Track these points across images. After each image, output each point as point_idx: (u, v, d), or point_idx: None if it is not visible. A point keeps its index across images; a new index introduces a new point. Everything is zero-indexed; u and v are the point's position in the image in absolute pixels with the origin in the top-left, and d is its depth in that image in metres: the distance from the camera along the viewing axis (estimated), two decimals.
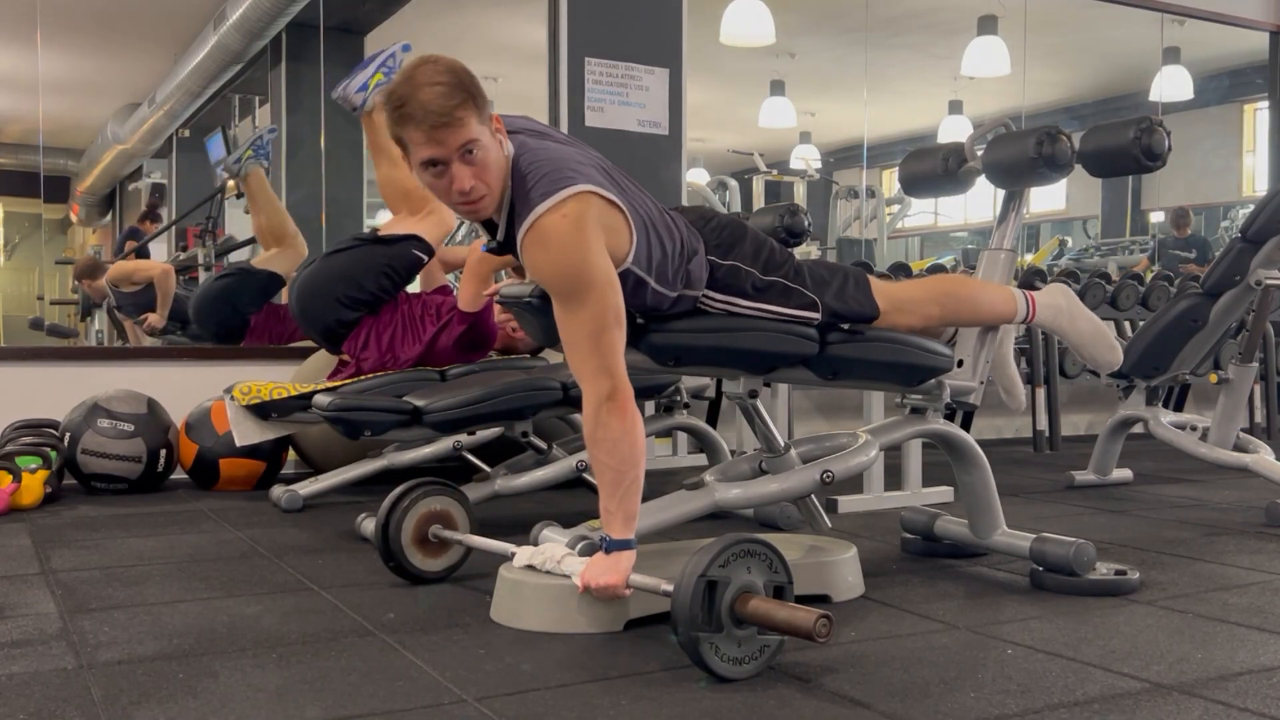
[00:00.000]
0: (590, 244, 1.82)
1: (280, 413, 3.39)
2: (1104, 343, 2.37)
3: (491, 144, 1.84)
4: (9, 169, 5.21)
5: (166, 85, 5.54)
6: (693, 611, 1.62)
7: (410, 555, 2.26)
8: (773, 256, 2.12)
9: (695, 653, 1.63)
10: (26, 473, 3.19)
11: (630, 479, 1.85)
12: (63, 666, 1.70)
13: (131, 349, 4.39)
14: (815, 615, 1.57)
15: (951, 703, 1.53)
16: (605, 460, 1.85)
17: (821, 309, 2.11)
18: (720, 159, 6.78)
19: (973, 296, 2.30)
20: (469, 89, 1.80)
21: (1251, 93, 7.07)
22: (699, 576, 1.63)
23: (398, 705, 1.52)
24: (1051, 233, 7.96)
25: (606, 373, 1.84)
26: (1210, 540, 2.79)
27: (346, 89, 3.26)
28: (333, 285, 3.28)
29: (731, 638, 1.65)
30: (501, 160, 1.86)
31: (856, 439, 2.28)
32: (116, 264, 4.96)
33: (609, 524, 1.87)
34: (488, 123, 1.84)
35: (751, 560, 1.69)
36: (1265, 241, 3.17)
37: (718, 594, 1.64)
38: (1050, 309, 2.34)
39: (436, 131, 1.78)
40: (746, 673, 1.65)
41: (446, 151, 1.80)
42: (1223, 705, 1.52)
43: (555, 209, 1.81)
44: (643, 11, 4.29)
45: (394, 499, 2.25)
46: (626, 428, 1.84)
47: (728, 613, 1.65)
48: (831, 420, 4.85)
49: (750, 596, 1.66)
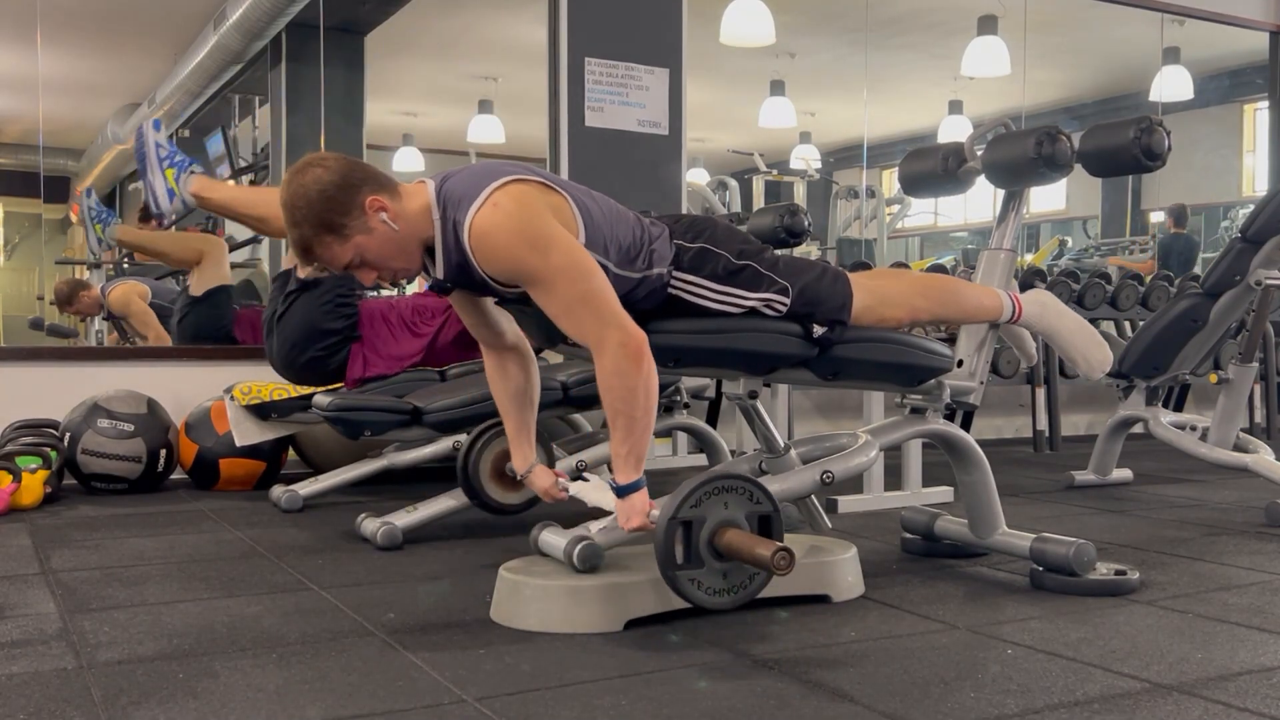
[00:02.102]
0: (534, 214, 1.86)
1: (280, 413, 3.40)
2: (1093, 340, 2.35)
3: (375, 239, 1.88)
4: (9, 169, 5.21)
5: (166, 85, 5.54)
6: (667, 552, 1.78)
7: (489, 489, 2.49)
8: (747, 244, 2.12)
9: (677, 589, 1.79)
10: (26, 473, 3.19)
11: (642, 423, 1.89)
12: (63, 666, 1.70)
13: (131, 349, 4.39)
14: (774, 548, 1.71)
15: (951, 703, 1.53)
16: (621, 408, 1.87)
17: (791, 296, 2.09)
18: (720, 159, 6.77)
19: (958, 291, 2.31)
20: (315, 219, 1.85)
21: (1251, 93, 7.07)
22: (670, 519, 1.78)
23: (397, 705, 1.52)
24: (1051, 233, 7.96)
25: (610, 325, 1.86)
26: (1210, 540, 2.79)
27: (160, 206, 3.05)
28: (304, 347, 3.21)
29: (714, 571, 1.81)
30: (397, 236, 1.89)
31: (856, 439, 2.28)
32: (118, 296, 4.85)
33: (621, 469, 1.91)
34: (360, 226, 1.87)
35: (728, 495, 1.82)
36: (1265, 241, 3.17)
37: (694, 532, 1.80)
38: (1037, 305, 2.34)
39: (314, 261, 1.91)
40: (730, 602, 1.83)
41: (339, 269, 1.92)
42: (1223, 705, 1.52)
43: (486, 204, 1.85)
44: (643, 11, 4.29)
45: (472, 438, 2.53)
46: (644, 374, 1.87)
47: (707, 548, 1.80)
48: (831, 420, 4.85)
49: (726, 530, 1.78)
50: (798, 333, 2.12)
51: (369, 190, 1.87)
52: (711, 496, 1.80)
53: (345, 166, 1.88)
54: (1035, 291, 2.39)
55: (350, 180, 1.87)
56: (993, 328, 2.35)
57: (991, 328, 2.35)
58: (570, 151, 4.16)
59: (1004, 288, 2.40)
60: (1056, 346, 2.37)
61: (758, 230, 3.27)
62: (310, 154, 1.92)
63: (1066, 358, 2.38)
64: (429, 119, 6.40)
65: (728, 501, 1.82)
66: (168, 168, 2.93)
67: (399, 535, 2.66)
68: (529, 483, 2.20)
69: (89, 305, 4.90)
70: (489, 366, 2.18)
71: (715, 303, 2.08)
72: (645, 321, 2.04)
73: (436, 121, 6.45)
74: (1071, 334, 2.34)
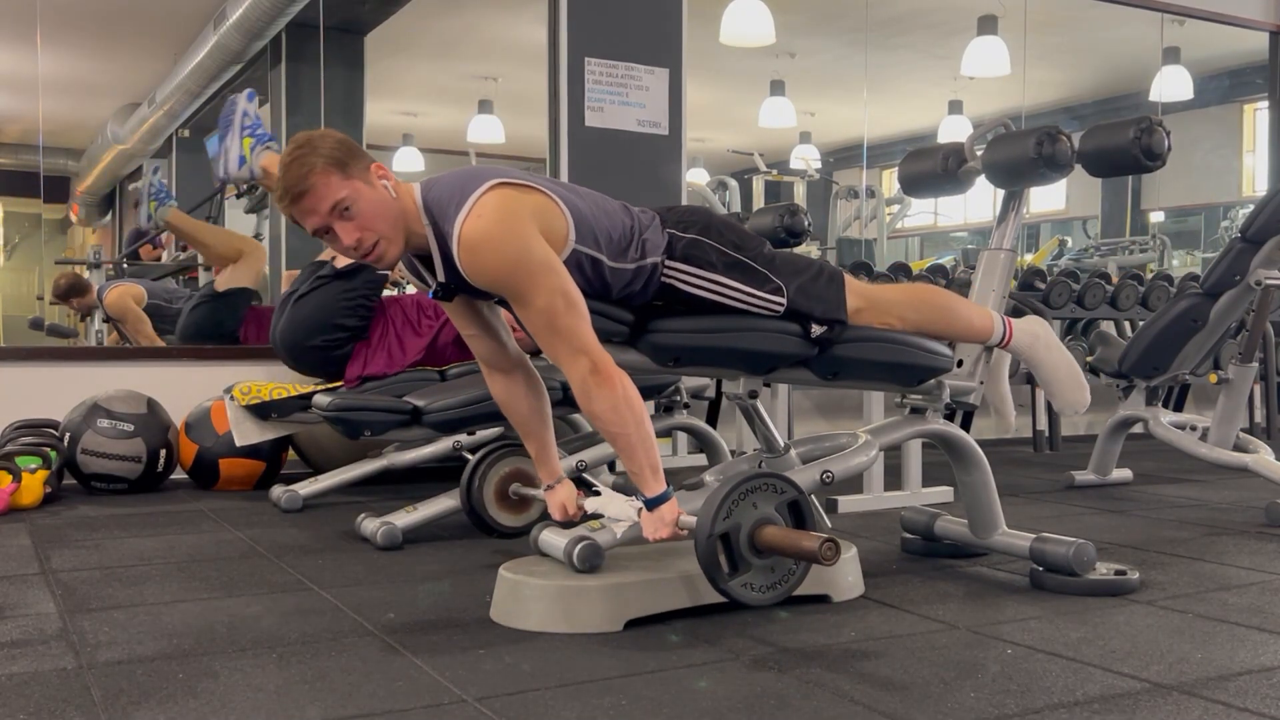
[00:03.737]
0: (518, 233, 1.85)
1: (280, 413, 3.40)
2: (1075, 380, 2.32)
3: (372, 193, 1.87)
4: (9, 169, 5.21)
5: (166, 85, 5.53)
6: (714, 566, 1.83)
7: (493, 512, 2.53)
8: (743, 239, 2.12)
9: (733, 598, 1.86)
10: (26, 473, 3.19)
11: (640, 435, 1.91)
12: (62, 666, 1.70)
13: (131, 349, 4.39)
14: (820, 540, 1.75)
15: (951, 702, 1.53)
16: (611, 429, 1.90)
17: (787, 296, 2.09)
18: (720, 159, 6.77)
19: (951, 307, 2.29)
20: (324, 152, 1.84)
21: (1251, 93, 7.06)
22: (708, 536, 1.81)
23: (397, 705, 1.52)
24: (1051, 233, 7.95)
25: (580, 352, 1.87)
26: (1210, 540, 2.79)
27: (228, 170, 3.09)
28: (311, 333, 3.26)
29: (759, 569, 1.87)
30: (393, 204, 1.89)
31: (856, 439, 2.28)
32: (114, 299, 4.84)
33: (645, 483, 1.93)
34: (362, 174, 1.87)
35: (755, 496, 1.86)
36: (1265, 241, 3.17)
37: (734, 540, 1.84)
38: (1028, 335, 2.32)
39: (300, 202, 1.84)
40: (778, 596, 1.89)
41: (320, 218, 1.86)
42: (1222, 705, 1.52)
43: (471, 213, 1.84)
44: (642, 11, 4.29)
45: (476, 460, 2.57)
46: (618, 393, 1.88)
47: (749, 551, 1.85)
48: (831, 420, 4.85)
49: (764, 528, 1.83)
50: (797, 332, 2.12)
51: (372, 161, 1.91)
52: (740, 501, 1.85)
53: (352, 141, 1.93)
54: (1031, 320, 2.36)
55: (358, 148, 1.90)
56: (986, 350, 2.34)
57: (985, 350, 2.34)
58: (570, 151, 4.16)
59: (1003, 289, 2.40)
60: (1039, 378, 2.34)
61: (758, 230, 3.27)
62: None
63: (1046, 391, 2.36)
64: (429, 119, 6.40)
65: (756, 501, 1.87)
66: (246, 136, 2.98)
67: (399, 535, 2.66)
68: (549, 497, 2.18)
69: (88, 305, 4.91)
70: (497, 391, 2.15)
71: (710, 293, 2.07)
72: (643, 317, 2.05)
73: (436, 121, 6.44)
74: (1055, 369, 2.32)
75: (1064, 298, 4.74)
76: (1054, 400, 2.35)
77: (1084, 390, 2.33)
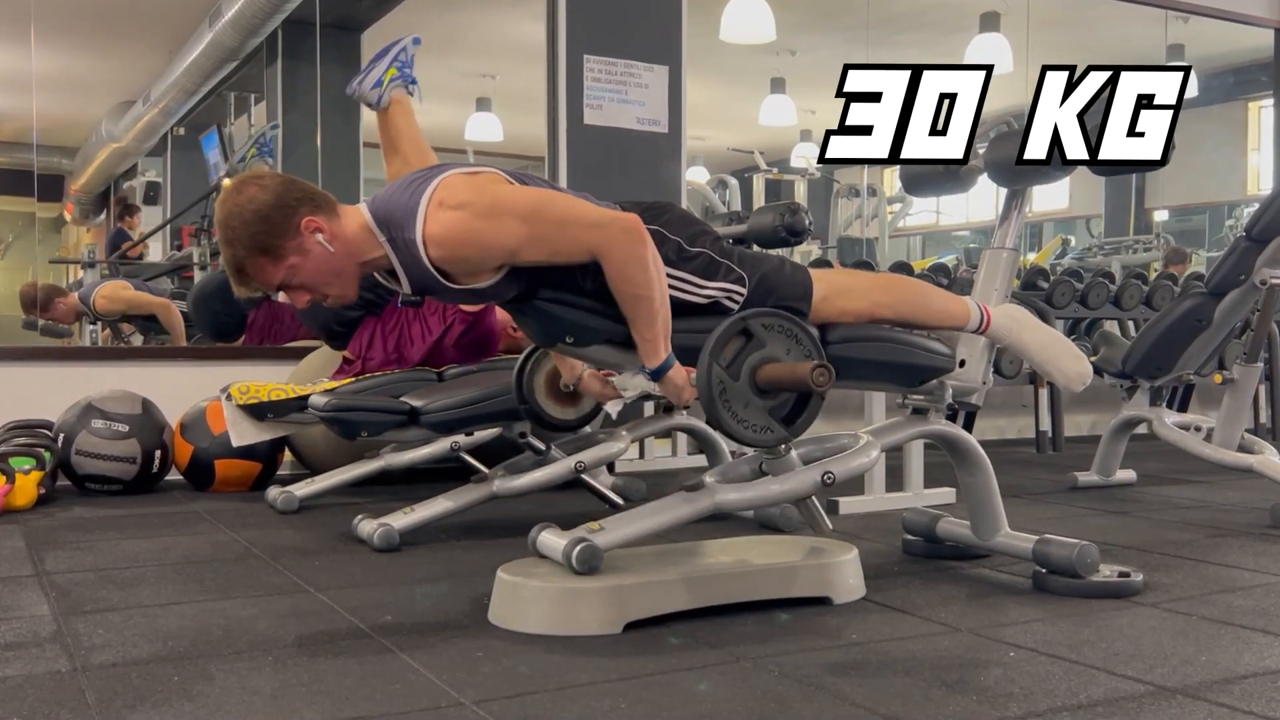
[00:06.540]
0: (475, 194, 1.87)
1: (277, 413, 3.37)
2: (1068, 353, 2.26)
3: (309, 259, 1.89)
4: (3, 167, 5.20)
5: (161, 83, 5.53)
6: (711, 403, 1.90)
7: (547, 406, 2.58)
8: (702, 231, 2.11)
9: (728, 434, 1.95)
10: (20, 474, 3.17)
11: (661, 298, 1.93)
12: (57, 669, 1.68)
13: (126, 349, 4.38)
14: (811, 364, 1.85)
15: (953, 706, 1.51)
16: (641, 291, 1.91)
17: (750, 286, 2.07)
18: (720, 157, 6.76)
19: (924, 293, 2.25)
20: (246, 241, 1.86)
21: (1256, 90, 7.05)
22: (709, 368, 1.89)
23: (395, 708, 1.51)
24: (1054, 232, 7.94)
25: (603, 224, 1.90)
26: (1215, 542, 2.77)
27: (361, 85, 3.16)
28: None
29: (756, 408, 1.94)
30: (334, 257, 1.90)
31: (858, 440, 2.26)
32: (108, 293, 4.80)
33: (653, 353, 1.95)
34: (294, 246, 1.88)
35: (790, 342, 1.97)
36: (1270, 240, 3.15)
37: (744, 352, 1.93)
38: (1007, 318, 2.28)
39: (244, 285, 1.92)
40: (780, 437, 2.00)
41: (270, 289, 1.93)
42: (1227, 708, 1.50)
43: (427, 215, 1.84)
44: (642, 9, 4.27)
45: (526, 354, 2.59)
46: (650, 248, 1.92)
47: (749, 379, 1.93)
48: (832, 421, 4.83)
49: (768, 363, 1.92)
50: None
51: (305, 211, 1.88)
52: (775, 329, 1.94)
53: (281, 186, 1.89)
54: (1008, 305, 2.32)
55: (286, 200, 1.87)
56: (989, 348, 2.31)
57: (988, 348, 2.31)
58: (569, 150, 4.14)
59: (1005, 288, 2.38)
60: (1031, 362, 2.29)
61: (758, 229, 3.25)
62: (247, 171, 1.94)
63: (1042, 373, 2.30)
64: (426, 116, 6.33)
65: (790, 348, 1.96)
66: (392, 67, 3.05)
67: (396, 537, 2.65)
68: (584, 388, 2.28)
69: (64, 313, 4.83)
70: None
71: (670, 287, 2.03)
72: None
73: (434, 119, 6.41)
74: (1044, 347, 2.26)
75: (1067, 297, 4.73)
76: (1055, 379, 2.28)
77: (1082, 360, 2.26)
